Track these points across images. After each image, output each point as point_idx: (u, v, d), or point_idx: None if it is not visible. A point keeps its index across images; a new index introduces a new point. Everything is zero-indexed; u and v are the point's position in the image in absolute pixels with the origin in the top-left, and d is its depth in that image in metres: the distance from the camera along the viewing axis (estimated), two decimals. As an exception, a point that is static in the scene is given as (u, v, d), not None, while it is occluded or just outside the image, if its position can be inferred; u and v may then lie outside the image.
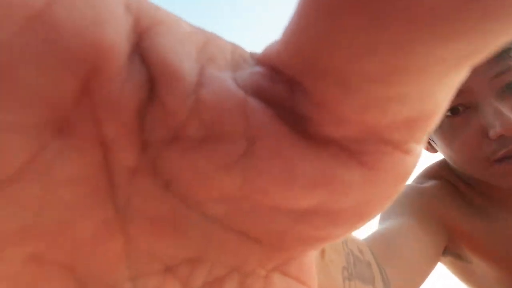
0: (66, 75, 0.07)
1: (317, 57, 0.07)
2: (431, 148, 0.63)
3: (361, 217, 0.09)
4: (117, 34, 0.07)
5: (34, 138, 0.07)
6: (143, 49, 0.07)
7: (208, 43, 0.08)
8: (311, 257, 0.10)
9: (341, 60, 0.07)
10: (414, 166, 0.08)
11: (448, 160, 0.59)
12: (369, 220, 0.09)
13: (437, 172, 0.65)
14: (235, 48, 0.09)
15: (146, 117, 0.07)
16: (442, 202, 0.58)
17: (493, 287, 0.60)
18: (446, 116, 0.54)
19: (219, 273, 0.09)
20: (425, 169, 0.67)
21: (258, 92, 0.08)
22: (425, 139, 0.08)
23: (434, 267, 0.49)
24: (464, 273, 0.62)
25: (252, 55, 0.09)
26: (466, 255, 0.58)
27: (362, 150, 0.08)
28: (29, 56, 0.06)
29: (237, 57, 0.08)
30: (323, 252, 0.27)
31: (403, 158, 0.08)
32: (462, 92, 0.52)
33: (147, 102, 0.07)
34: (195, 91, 0.07)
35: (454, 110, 0.54)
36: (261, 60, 0.08)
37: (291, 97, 0.08)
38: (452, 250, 0.57)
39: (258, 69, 0.08)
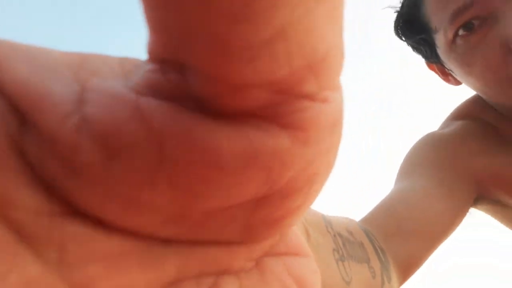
0: None
1: (181, 25, 0.06)
2: (453, 79, 0.56)
3: (314, 181, 0.08)
4: None
5: None
6: None
7: (86, 60, 0.08)
8: (294, 230, 0.10)
9: (194, 13, 0.06)
10: (339, 113, 0.08)
11: (474, 90, 0.52)
12: (325, 180, 0.09)
13: (468, 110, 0.57)
14: (124, 59, 0.08)
15: (28, 152, 0.07)
16: (468, 147, 0.52)
17: None
18: (460, 36, 0.47)
19: (209, 281, 0.09)
20: (456, 108, 0.59)
21: (153, 90, 0.07)
22: (338, 84, 0.08)
23: (454, 228, 0.46)
24: (508, 218, 0.57)
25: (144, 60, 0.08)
26: (504, 198, 0.52)
27: (280, 113, 0.07)
28: None
29: (128, 66, 0.08)
30: (308, 235, 0.28)
31: (324, 108, 0.08)
32: (475, 1, 0.44)
33: (21, 134, 0.07)
34: (77, 110, 0.07)
35: (467, 26, 0.46)
36: (148, 57, 0.08)
37: (186, 82, 0.07)
38: (487, 196, 0.52)
39: (148, 66, 0.07)
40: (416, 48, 0.58)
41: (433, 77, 0.61)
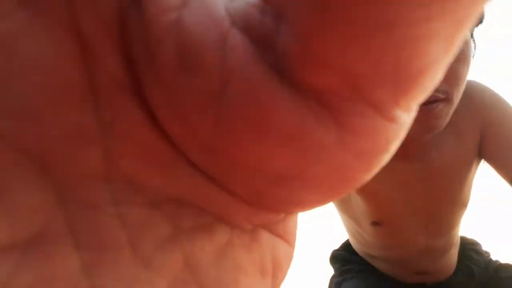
0: None
1: None
2: None
3: (335, 186, 0.08)
4: None
5: None
6: None
7: None
8: (295, 221, 0.11)
9: None
10: (396, 137, 0.08)
11: None
12: (345, 190, 0.08)
13: None
14: None
15: (127, 24, 0.07)
16: None
17: (359, 217, 0.76)
18: None
19: (207, 219, 0.09)
20: None
21: (246, 23, 0.07)
22: (412, 107, 0.07)
23: None
24: (344, 206, 0.80)
25: None
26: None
27: (342, 108, 0.07)
28: None
29: None
30: None
31: (385, 125, 0.07)
32: None
33: (129, 6, 0.07)
34: (178, 8, 0.07)
35: None
36: None
37: (276, 31, 0.07)
38: None
39: None
40: None
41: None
